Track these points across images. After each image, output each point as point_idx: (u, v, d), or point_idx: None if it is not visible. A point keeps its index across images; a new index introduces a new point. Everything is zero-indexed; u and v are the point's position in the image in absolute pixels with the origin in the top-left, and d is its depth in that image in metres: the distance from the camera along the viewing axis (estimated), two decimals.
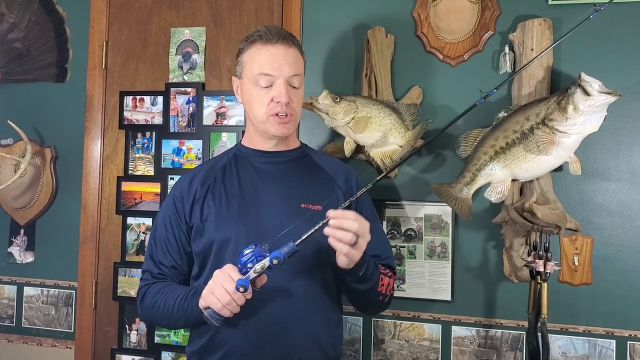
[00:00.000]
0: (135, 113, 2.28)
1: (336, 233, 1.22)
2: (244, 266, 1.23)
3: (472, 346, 1.93)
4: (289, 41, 1.43)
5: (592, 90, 1.57)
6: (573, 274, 1.84)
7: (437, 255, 1.96)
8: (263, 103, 1.42)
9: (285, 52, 1.41)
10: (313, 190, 1.46)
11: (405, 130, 1.88)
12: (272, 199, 1.44)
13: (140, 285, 1.51)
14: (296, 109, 1.45)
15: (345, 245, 1.23)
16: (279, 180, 1.48)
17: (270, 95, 1.41)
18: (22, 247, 2.39)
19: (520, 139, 1.69)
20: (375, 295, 1.43)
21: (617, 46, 1.84)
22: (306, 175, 1.51)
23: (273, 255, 1.21)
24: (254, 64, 1.42)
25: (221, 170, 1.51)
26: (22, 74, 2.42)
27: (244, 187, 1.46)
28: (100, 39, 2.33)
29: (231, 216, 1.42)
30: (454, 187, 1.77)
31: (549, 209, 1.69)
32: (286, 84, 1.41)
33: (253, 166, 1.50)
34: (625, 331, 1.81)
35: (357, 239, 1.24)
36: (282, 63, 1.40)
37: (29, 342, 2.36)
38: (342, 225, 1.22)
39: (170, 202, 1.51)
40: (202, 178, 1.50)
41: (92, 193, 2.31)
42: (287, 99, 1.40)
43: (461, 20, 1.96)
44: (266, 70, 1.40)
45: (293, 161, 1.53)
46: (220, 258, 1.39)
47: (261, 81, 1.41)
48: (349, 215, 1.24)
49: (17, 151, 2.35)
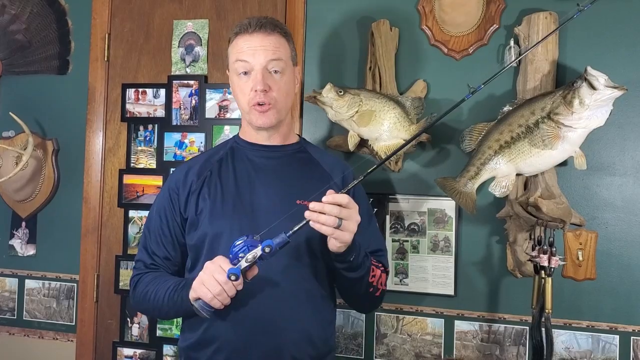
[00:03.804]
0: (138, 106, 2.27)
1: (319, 217, 1.21)
2: (235, 256, 1.22)
3: (474, 341, 1.93)
4: (268, 28, 1.41)
5: (598, 84, 1.56)
6: (577, 269, 1.84)
7: (440, 250, 1.96)
8: (244, 92, 1.41)
9: (262, 39, 1.39)
10: (309, 187, 1.41)
11: (409, 124, 1.87)
12: (267, 195, 1.43)
13: (132, 274, 1.50)
14: (278, 97, 1.41)
15: (328, 228, 1.22)
16: (274, 176, 1.47)
17: (249, 83, 1.40)
18: (23, 240, 2.39)
19: (526, 133, 1.68)
20: (366, 286, 1.41)
21: (624, 40, 1.82)
22: (302, 172, 1.50)
23: (265, 244, 1.20)
24: (232, 55, 1.43)
25: (217, 163, 1.49)
26: (24, 66, 2.41)
27: (239, 182, 1.45)
28: (102, 31, 2.32)
29: (225, 211, 1.41)
30: (458, 181, 1.76)
31: (554, 204, 1.68)
32: (263, 70, 1.38)
33: (249, 160, 1.49)
34: (628, 326, 1.81)
35: (341, 221, 1.23)
36: (258, 49, 1.39)
37: (31, 335, 2.36)
38: (322, 209, 1.21)
39: (165, 194, 1.50)
40: (198, 170, 1.49)
41: (94, 186, 2.30)
42: (262, 87, 1.37)
43: (466, 13, 1.95)
44: (242, 57, 1.39)
45: (290, 156, 1.51)
46: (213, 251, 1.38)
47: (238, 68, 1.40)
48: (328, 199, 1.22)
49: (19, 143, 2.34)
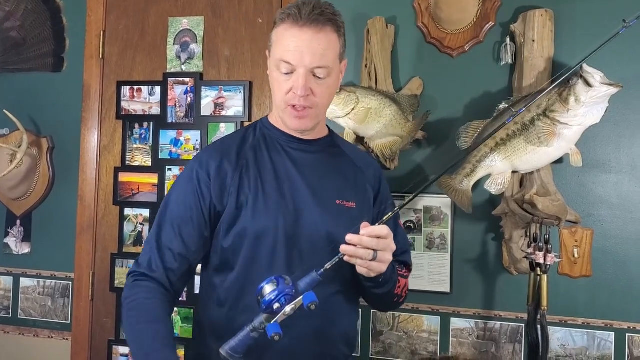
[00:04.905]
0: (133, 103, 2.26)
1: (356, 252, 1.18)
2: (269, 307, 1.12)
3: (470, 338, 1.93)
4: (319, 23, 1.27)
5: (594, 82, 1.57)
6: (573, 266, 1.84)
7: (436, 247, 1.96)
8: (282, 90, 1.30)
9: (312, 39, 1.26)
10: (346, 185, 1.39)
11: (405, 121, 1.87)
12: (308, 193, 1.35)
13: (132, 269, 1.31)
14: (319, 101, 1.31)
15: (364, 262, 1.19)
16: (313, 172, 1.38)
17: (290, 83, 1.28)
18: (18, 238, 2.38)
19: (521, 131, 1.68)
20: (392, 298, 1.40)
21: (620, 37, 1.82)
22: (338, 168, 1.42)
23: (309, 300, 1.12)
24: (278, 47, 1.30)
25: (252, 152, 1.37)
26: (19, 63, 2.40)
27: (279, 175, 1.35)
28: (97, 28, 2.31)
29: (269, 207, 1.31)
30: (454, 179, 1.77)
31: (549, 201, 1.69)
32: (307, 74, 1.27)
33: (285, 151, 1.38)
34: (624, 323, 1.81)
35: (376, 253, 1.20)
36: (305, 52, 1.26)
37: (26, 334, 2.35)
38: (360, 242, 1.17)
39: (193, 181, 1.33)
40: (234, 159, 1.35)
41: (89, 184, 2.29)
42: (304, 92, 1.27)
43: (462, 10, 1.95)
44: (286, 58, 1.27)
45: (325, 151, 1.43)
46: (255, 252, 1.30)
47: (282, 67, 1.29)
48: (368, 231, 1.18)
49: (14, 141, 2.33)
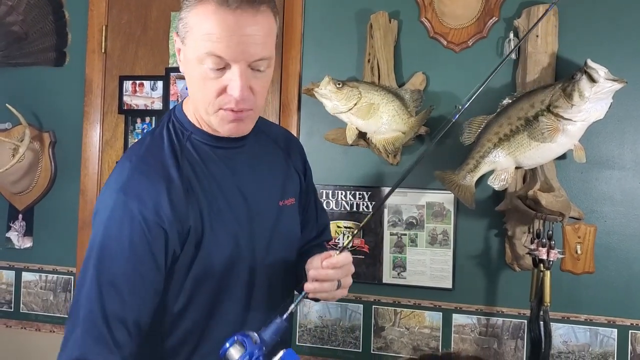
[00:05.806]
0: (135, 98, 2.26)
1: (322, 287, 1.12)
2: None
3: (472, 334, 1.93)
4: (255, 3, 0.98)
5: (598, 77, 1.56)
6: (575, 262, 1.83)
7: (438, 243, 1.95)
8: (210, 90, 1.01)
9: (248, 22, 0.97)
10: (283, 180, 1.27)
11: (408, 116, 1.86)
12: (256, 197, 1.19)
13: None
14: (259, 101, 1.06)
15: (328, 294, 1.14)
16: (251, 178, 1.19)
17: (221, 82, 1.00)
18: (20, 232, 2.38)
19: (525, 126, 1.68)
20: None
21: (624, 32, 1.81)
22: (270, 161, 1.25)
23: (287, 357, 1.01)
24: (199, 35, 0.98)
25: (189, 167, 1.10)
26: (21, 57, 2.39)
27: (226, 193, 1.13)
28: (99, 22, 2.30)
29: (228, 230, 1.12)
30: (457, 175, 1.76)
31: (553, 197, 1.68)
32: (247, 71, 1.00)
33: (219, 157, 1.14)
34: (627, 320, 1.81)
35: (340, 281, 1.14)
36: (242, 43, 0.97)
37: (27, 328, 2.35)
38: (326, 276, 1.11)
39: (136, 221, 1.02)
40: (178, 183, 1.07)
41: (91, 178, 2.29)
42: (244, 94, 1.00)
43: (466, 5, 1.94)
44: (216, 51, 0.97)
45: (254, 143, 1.22)
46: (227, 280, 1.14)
47: (208, 62, 0.99)
48: (331, 263, 1.10)
49: (16, 135, 2.32)
